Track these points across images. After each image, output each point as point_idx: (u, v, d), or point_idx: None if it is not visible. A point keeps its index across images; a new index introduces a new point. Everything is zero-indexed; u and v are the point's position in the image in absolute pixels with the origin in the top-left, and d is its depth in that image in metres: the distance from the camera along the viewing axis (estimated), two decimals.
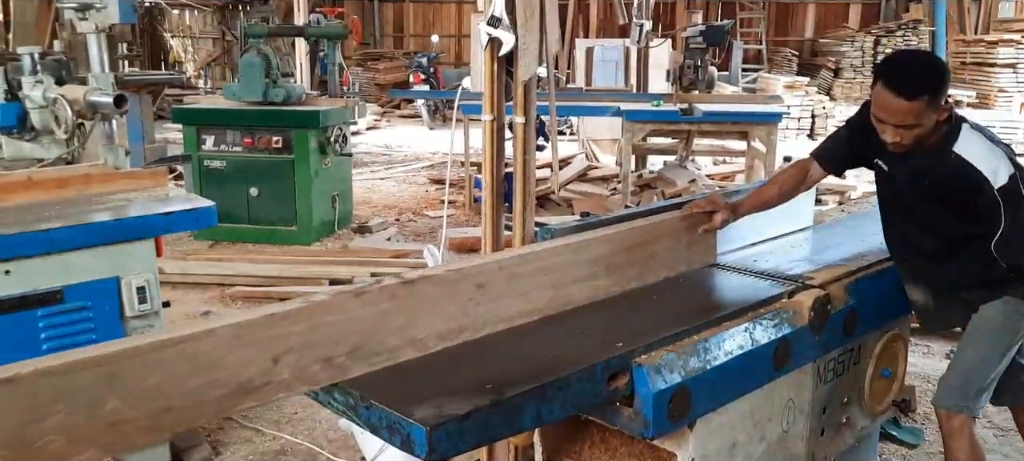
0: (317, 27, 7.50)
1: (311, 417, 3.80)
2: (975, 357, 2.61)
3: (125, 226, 2.85)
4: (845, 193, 8.15)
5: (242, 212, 6.61)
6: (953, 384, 2.63)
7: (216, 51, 19.74)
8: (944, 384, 2.66)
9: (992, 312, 2.58)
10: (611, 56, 10.24)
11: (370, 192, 9.04)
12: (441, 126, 14.70)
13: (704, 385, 2.00)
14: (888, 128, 2.41)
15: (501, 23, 2.29)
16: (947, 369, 2.73)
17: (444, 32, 19.54)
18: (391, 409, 1.59)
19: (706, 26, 8.18)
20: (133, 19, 5.77)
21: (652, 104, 7.02)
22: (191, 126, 6.76)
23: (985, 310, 2.59)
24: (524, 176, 2.50)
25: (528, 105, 2.46)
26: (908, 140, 2.41)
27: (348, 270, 5.88)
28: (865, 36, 17.22)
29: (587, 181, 8.46)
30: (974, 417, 2.66)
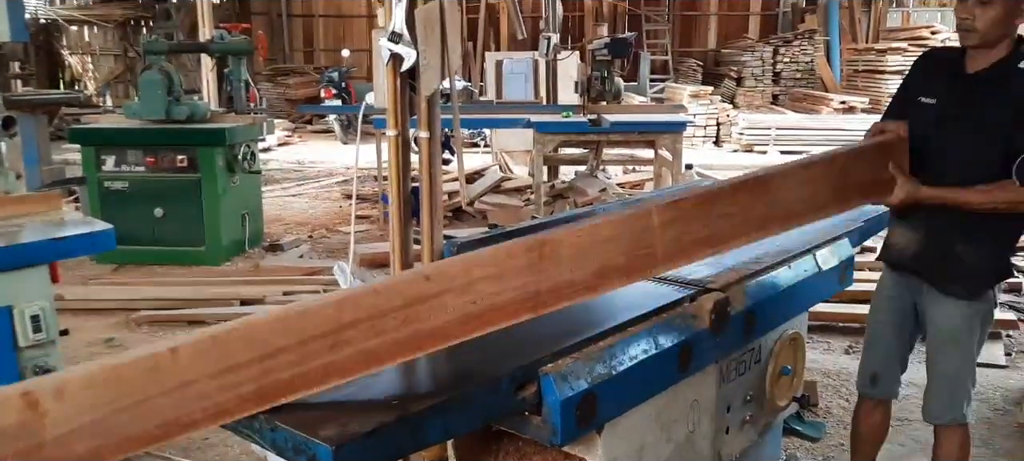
0: (221, 43, 7.34)
1: (223, 442, 3.71)
2: (953, 369, 2.73)
3: (16, 252, 2.74)
4: None
5: (147, 234, 6.43)
6: (942, 400, 2.75)
7: (118, 68, 19.10)
8: (933, 403, 2.77)
9: (957, 323, 2.68)
10: (520, 69, 10.35)
11: (282, 209, 8.90)
12: (355, 141, 14.56)
13: (610, 390, 2.04)
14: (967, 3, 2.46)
15: (402, 39, 2.30)
16: (929, 387, 2.81)
17: (355, 46, 19.36)
18: (296, 430, 1.57)
19: (611, 39, 8.34)
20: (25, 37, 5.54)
21: (562, 115, 7.12)
22: (90, 146, 6.53)
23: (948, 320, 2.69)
24: (430, 190, 2.52)
25: (432, 119, 2.48)
26: (981, 21, 2.45)
27: (260, 290, 5.78)
28: (764, 46, 17.86)
29: (502, 192, 8.53)
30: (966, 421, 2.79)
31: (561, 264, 1.84)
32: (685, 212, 2.07)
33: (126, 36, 18.88)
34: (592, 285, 1.93)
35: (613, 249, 1.95)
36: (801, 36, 17.89)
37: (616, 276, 1.97)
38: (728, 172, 9.96)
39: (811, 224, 3.29)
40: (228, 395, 1.52)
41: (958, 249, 2.62)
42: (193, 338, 1.47)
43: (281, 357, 1.54)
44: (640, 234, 1.99)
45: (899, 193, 2.57)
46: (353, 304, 1.61)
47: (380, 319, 1.64)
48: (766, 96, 17.22)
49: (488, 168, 9.43)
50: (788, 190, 2.34)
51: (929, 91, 2.66)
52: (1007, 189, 2.46)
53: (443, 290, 1.70)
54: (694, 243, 2.10)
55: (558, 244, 1.86)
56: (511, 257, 1.80)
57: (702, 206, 2.11)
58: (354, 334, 1.62)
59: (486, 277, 1.75)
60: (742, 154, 13.11)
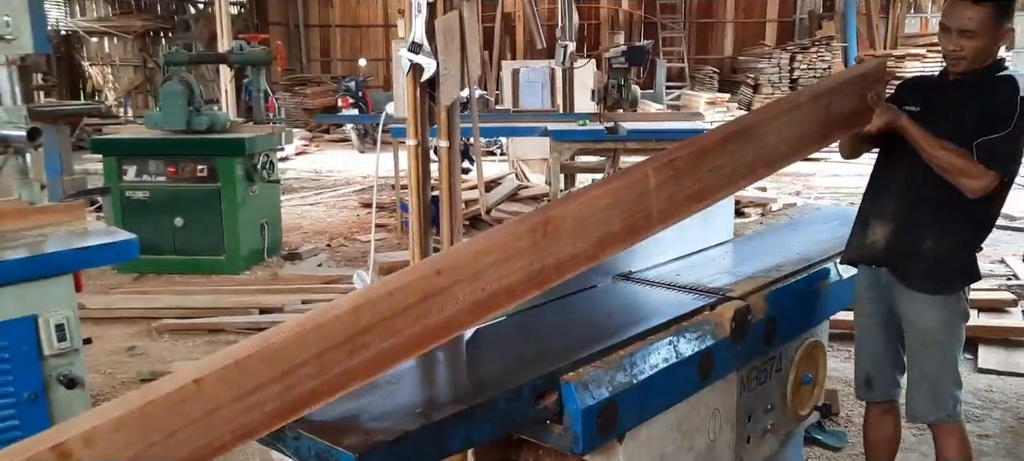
0: (240, 54, 7.40)
1: (242, 450, 3.72)
2: (932, 369, 2.73)
3: (41, 262, 2.77)
4: (767, 205, 8.40)
5: (168, 243, 6.47)
6: (923, 399, 2.75)
7: (138, 79, 19.29)
8: (915, 402, 2.77)
9: (933, 323, 2.68)
10: (537, 77, 10.37)
11: (300, 218, 8.94)
12: (371, 149, 14.59)
13: (631, 399, 2.04)
14: (951, 35, 2.54)
15: (422, 49, 2.31)
16: (910, 387, 2.81)
17: (371, 56, 19.48)
18: (320, 438, 1.59)
19: (628, 47, 8.36)
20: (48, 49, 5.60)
21: (578, 123, 7.13)
22: (112, 157, 6.59)
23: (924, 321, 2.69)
24: (450, 198, 2.53)
25: (452, 129, 2.49)
26: (968, 51, 2.52)
27: (279, 298, 5.80)
28: (781, 53, 17.80)
29: (518, 200, 8.53)
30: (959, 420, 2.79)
31: (563, 239, 1.88)
32: (680, 169, 2.10)
33: (145, 47, 19.08)
34: (593, 254, 1.96)
35: (613, 216, 1.97)
36: (818, 43, 17.82)
37: (616, 242, 2.01)
38: None
39: (834, 231, 3.29)
40: (253, 415, 1.54)
41: (927, 245, 2.66)
42: (215, 365, 1.49)
43: (301, 371, 1.56)
44: (637, 199, 2.02)
45: (878, 120, 2.60)
46: (369, 308, 1.62)
47: (394, 319, 1.67)
48: None
49: (505, 176, 9.44)
50: (775, 133, 2.36)
51: (913, 100, 2.73)
52: (964, 157, 2.52)
53: (454, 282, 1.73)
54: (687, 199, 2.14)
55: (560, 220, 1.89)
56: (516, 239, 1.83)
57: (695, 161, 2.14)
58: (371, 338, 1.64)
59: (493, 262, 1.78)
60: None
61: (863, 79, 2.67)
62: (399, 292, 1.68)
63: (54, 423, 2.82)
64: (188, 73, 6.77)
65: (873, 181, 2.85)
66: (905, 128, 2.59)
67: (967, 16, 2.50)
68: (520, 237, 1.84)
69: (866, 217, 2.81)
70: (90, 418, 1.44)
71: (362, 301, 1.65)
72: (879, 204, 2.78)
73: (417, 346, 1.72)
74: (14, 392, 2.68)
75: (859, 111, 2.61)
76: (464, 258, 1.78)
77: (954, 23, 2.54)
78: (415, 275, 1.74)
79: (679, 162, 2.12)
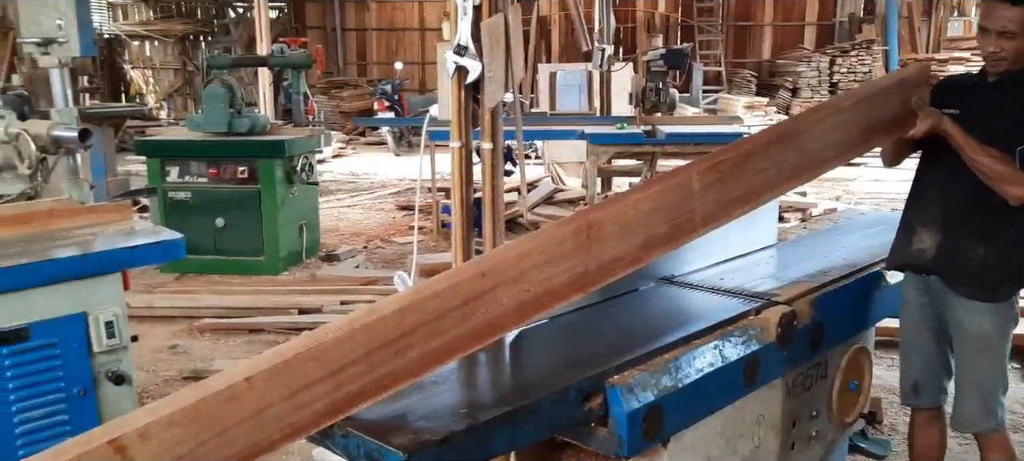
0: (281, 57, 7.49)
1: (283, 448, 3.76)
2: (986, 376, 2.70)
3: (91, 261, 2.82)
4: (807, 210, 8.30)
5: (208, 243, 6.55)
6: (975, 407, 2.72)
7: (177, 82, 19.59)
8: (965, 410, 2.73)
9: (987, 328, 2.65)
10: (574, 80, 10.34)
11: (337, 220, 9.01)
12: (407, 153, 14.69)
13: (676, 403, 2.03)
14: (991, 37, 2.51)
15: (467, 52, 2.32)
16: (959, 394, 2.77)
17: (407, 59, 19.58)
18: (369, 437, 1.60)
19: (666, 50, 8.30)
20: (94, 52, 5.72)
21: (616, 127, 7.10)
22: (155, 158, 6.70)
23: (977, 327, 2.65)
24: (493, 200, 2.53)
25: (495, 131, 2.50)
26: (1008, 52, 2.50)
27: (317, 299, 5.85)
28: (821, 56, 17.58)
29: (554, 204, 8.52)
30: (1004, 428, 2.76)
31: (607, 241, 1.88)
32: (724, 173, 2.09)
33: (185, 51, 19.37)
34: (637, 257, 1.96)
35: (657, 219, 1.97)
36: (859, 46, 17.56)
37: (660, 245, 2.00)
38: None
39: (879, 236, 3.25)
40: (303, 413, 1.55)
41: (977, 252, 2.62)
42: (265, 363, 1.51)
43: (350, 370, 1.57)
44: (682, 201, 2.01)
45: (922, 125, 2.57)
46: (415, 309, 1.63)
47: (440, 320, 1.68)
48: None
49: (540, 180, 9.44)
50: (818, 137, 2.35)
51: (951, 103, 2.68)
52: (1007, 164, 2.49)
53: (497, 283, 1.73)
54: (732, 202, 2.12)
55: (603, 223, 1.89)
56: (560, 241, 1.83)
57: (739, 165, 2.13)
58: (416, 338, 1.65)
59: (537, 265, 1.78)
60: None
61: (905, 83, 2.64)
62: (444, 293, 1.69)
63: (103, 419, 2.87)
64: (229, 76, 6.86)
65: (916, 186, 2.81)
66: (949, 133, 2.55)
67: (1007, 17, 2.47)
68: (564, 239, 1.84)
69: (911, 223, 2.77)
70: (144, 415, 1.46)
71: (408, 302, 1.66)
72: (925, 210, 2.74)
73: (462, 347, 1.73)
74: (64, 388, 2.74)
75: (902, 115, 2.58)
76: (508, 260, 1.79)
77: (993, 25, 2.50)
78: (459, 277, 1.74)
79: (723, 165, 2.12)
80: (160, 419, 1.43)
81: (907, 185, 2.93)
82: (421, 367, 1.68)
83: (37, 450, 2.76)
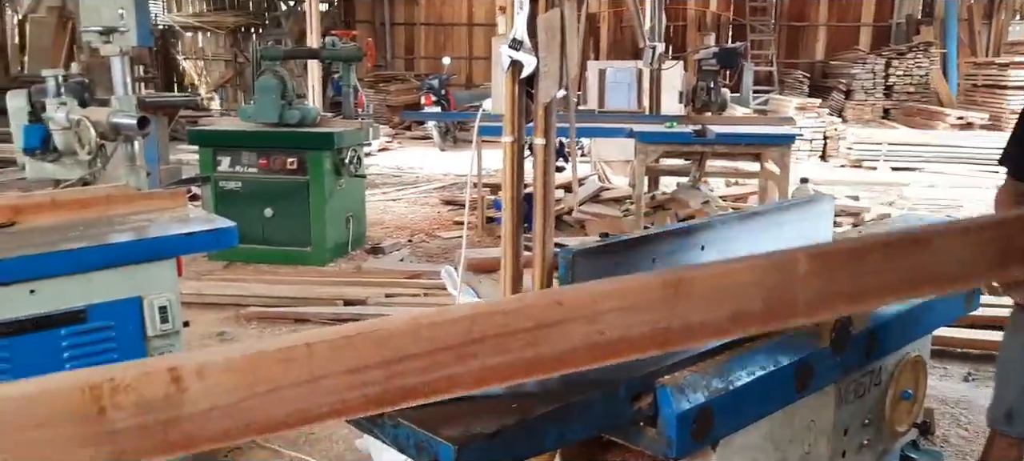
0: (332, 49, 7.56)
1: (328, 437, 3.81)
2: None
3: (147, 246, 2.88)
4: (859, 214, 8.14)
5: (257, 233, 6.65)
6: None
7: (228, 73, 19.93)
8: None
9: None
10: (623, 78, 10.27)
11: (382, 213, 9.08)
12: (452, 148, 14.76)
13: (727, 406, 2.00)
14: None
15: (523, 46, 2.31)
16: None
17: (455, 54, 19.67)
18: (419, 428, 1.60)
19: (719, 48, 8.22)
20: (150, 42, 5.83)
21: (666, 125, 7.04)
22: (207, 147, 6.82)
23: None
24: (544, 196, 2.52)
25: (548, 126, 2.49)
26: None
27: (362, 291, 5.90)
28: (876, 58, 17.23)
29: (600, 202, 8.48)
30: None
31: (696, 303, 1.78)
32: (834, 264, 1.95)
33: (236, 43, 19.69)
34: (725, 328, 1.85)
35: (752, 293, 1.84)
36: (916, 48, 17.16)
37: (752, 321, 1.87)
38: (837, 187, 9.66)
39: None
40: (355, 393, 1.55)
41: None
42: (327, 335, 1.51)
43: (409, 363, 1.56)
44: (783, 282, 1.87)
45: None
46: (483, 320, 1.61)
47: (507, 338, 1.63)
48: (877, 110, 16.59)
49: (587, 177, 9.40)
50: (946, 252, 2.16)
51: None
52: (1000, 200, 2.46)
53: (572, 317, 1.68)
54: (838, 297, 1.97)
55: (695, 283, 1.80)
56: (645, 290, 1.75)
57: (853, 260, 1.98)
58: (481, 349, 1.62)
59: (617, 308, 1.71)
60: (850, 169, 12.67)
61: None
62: (515, 313, 1.65)
63: None
64: (281, 68, 6.94)
65: None
66: None
67: None
68: (650, 289, 1.77)
69: None
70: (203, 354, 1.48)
71: (477, 312, 1.65)
72: None
73: (525, 371, 1.67)
74: None
75: None
76: (586, 297, 1.73)
77: None
78: (534, 300, 1.72)
79: (834, 257, 1.99)
80: (217, 362, 1.44)
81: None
82: (481, 380, 1.65)
83: None
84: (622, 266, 2.37)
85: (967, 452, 3.82)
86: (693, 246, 2.60)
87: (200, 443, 1.39)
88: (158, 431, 1.34)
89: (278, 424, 1.49)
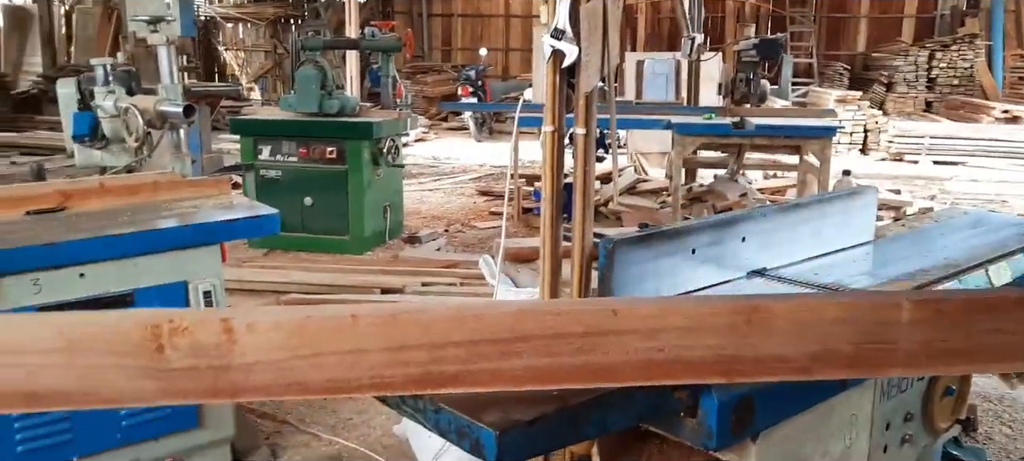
0: (371, 40, 7.62)
1: (366, 423, 3.85)
2: None
3: (193, 232, 2.94)
4: (900, 208, 8.02)
5: (296, 221, 6.74)
6: None
7: (268, 64, 20.14)
8: None
9: None
10: (661, 69, 10.21)
11: (419, 203, 9.14)
12: (488, 138, 14.79)
13: (768, 397, 1.99)
14: None
15: (565, 36, 2.31)
16: None
17: (492, 45, 19.69)
18: (461, 414, 1.61)
19: (760, 39, 8.12)
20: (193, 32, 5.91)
21: (704, 117, 6.99)
22: (249, 137, 6.91)
23: None
24: (584, 187, 2.52)
25: (589, 116, 2.48)
26: None
27: (399, 280, 5.95)
28: (919, 51, 16.92)
29: (636, 194, 8.45)
30: None
31: (772, 336, 1.67)
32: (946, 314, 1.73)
33: (276, 33, 19.89)
34: (804, 368, 1.70)
35: (841, 332, 1.69)
36: (960, 40, 16.83)
37: (839, 365, 1.71)
38: (877, 181, 9.51)
39: (983, 237, 3.12)
40: (395, 371, 1.57)
41: None
42: (373, 311, 1.54)
43: (451, 350, 1.58)
44: (880, 325, 1.70)
45: None
46: (532, 319, 1.60)
47: (555, 341, 1.60)
48: (919, 103, 16.31)
49: (624, 169, 9.37)
50: None
51: None
52: None
53: (629, 329, 1.63)
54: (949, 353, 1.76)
55: (772, 313, 1.67)
56: (712, 313, 1.67)
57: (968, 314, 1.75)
58: (526, 348, 1.60)
59: (679, 327, 1.65)
60: (891, 163, 12.48)
61: None
62: (565, 315, 1.63)
63: None
64: (322, 58, 7.01)
65: None
66: None
67: None
68: (718, 313, 1.68)
69: None
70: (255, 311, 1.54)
71: (526, 310, 1.64)
72: None
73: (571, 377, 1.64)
74: None
75: None
76: (647, 311, 1.67)
77: None
78: (587, 306, 1.70)
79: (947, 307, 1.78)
80: (267, 320, 1.50)
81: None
82: (524, 379, 1.62)
83: (138, 413, 2.90)
84: (662, 256, 2.37)
85: (1010, 450, 3.76)
86: (734, 237, 2.58)
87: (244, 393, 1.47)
88: (208, 376, 1.44)
89: (318, 388, 1.54)
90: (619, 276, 2.22)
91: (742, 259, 2.62)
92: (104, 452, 2.86)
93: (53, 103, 4.11)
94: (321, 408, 4.00)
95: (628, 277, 2.25)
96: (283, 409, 3.95)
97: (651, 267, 2.34)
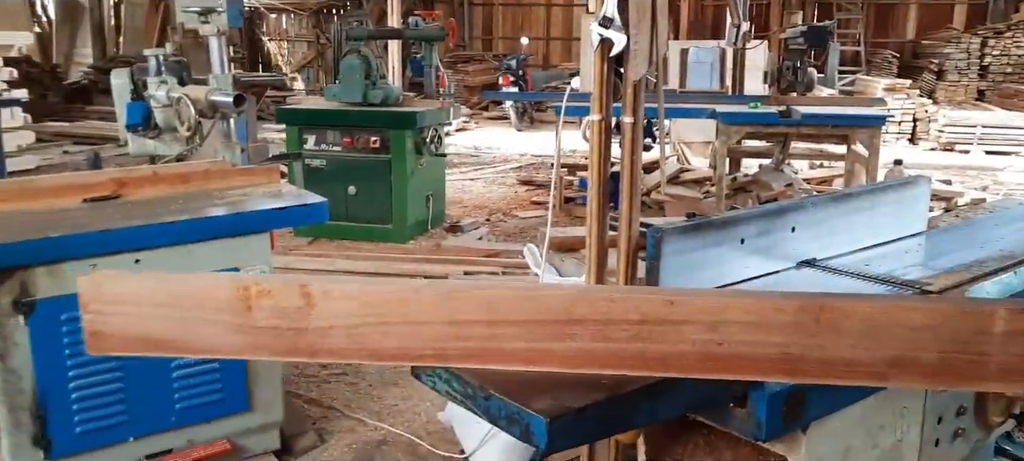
0: (415, 29, 7.65)
1: (411, 409, 3.89)
2: None
3: (244, 220, 2.99)
4: (952, 199, 7.85)
5: (340, 210, 6.80)
6: None
7: (310, 54, 20.35)
8: None
9: None
10: (706, 58, 10.10)
11: (461, 192, 9.18)
12: (528, 128, 14.78)
13: (819, 389, 1.97)
14: None
15: (613, 24, 2.30)
16: None
17: (533, 34, 19.65)
18: (511, 400, 1.62)
19: (807, 27, 7.99)
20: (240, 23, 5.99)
21: (749, 106, 6.90)
22: (294, 126, 7.00)
23: None
24: (631, 176, 2.51)
25: (637, 105, 2.47)
26: None
27: (442, 268, 5.99)
28: (971, 37, 16.50)
29: (680, 183, 8.39)
30: None
31: (842, 337, 1.60)
32: None
33: (318, 24, 20.07)
34: (880, 373, 1.61)
35: (925, 339, 1.58)
36: (1015, 27, 16.37)
37: (920, 373, 1.61)
38: (927, 171, 9.30)
39: None
40: (454, 344, 1.63)
41: None
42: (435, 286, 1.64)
43: (507, 328, 1.61)
44: (969, 333, 1.58)
45: None
46: (586, 303, 1.61)
47: (609, 326, 1.61)
48: (970, 91, 15.91)
49: (668, 158, 9.30)
50: None
51: None
52: None
53: (686, 320, 1.62)
54: None
55: (843, 313, 1.59)
56: (777, 310, 1.61)
57: None
58: (580, 331, 1.61)
59: (741, 322, 1.61)
60: (941, 153, 12.22)
61: None
62: (620, 302, 1.62)
63: (250, 370, 3.05)
64: (366, 48, 7.06)
65: None
66: None
67: None
68: (783, 310, 1.62)
69: None
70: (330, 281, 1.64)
71: (581, 294, 1.65)
72: None
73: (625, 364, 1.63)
74: None
75: None
76: (707, 302, 1.65)
77: None
78: (644, 294, 1.69)
79: None
80: (340, 289, 1.62)
81: None
82: (577, 362, 1.64)
83: (191, 397, 2.97)
84: (710, 246, 2.36)
85: None
86: (783, 227, 2.56)
87: (320, 354, 1.61)
88: (289, 336, 1.60)
89: (385, 354, 1.66)
90: (667, 266, 2.22)
91: (791, 249, 2.59)
92: (159, 433, 2.94)
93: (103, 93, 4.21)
94: (367, 395, 4.05)
95: (676, 267, 2.24)
96: (329, 395, 4.01)
97: (699, 257, 2.33)
